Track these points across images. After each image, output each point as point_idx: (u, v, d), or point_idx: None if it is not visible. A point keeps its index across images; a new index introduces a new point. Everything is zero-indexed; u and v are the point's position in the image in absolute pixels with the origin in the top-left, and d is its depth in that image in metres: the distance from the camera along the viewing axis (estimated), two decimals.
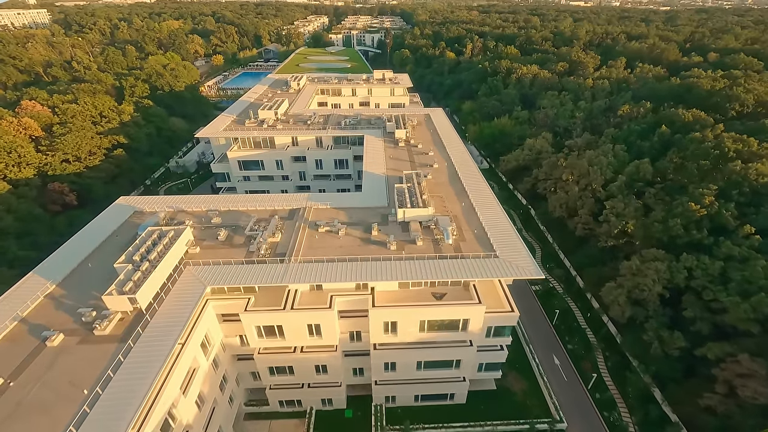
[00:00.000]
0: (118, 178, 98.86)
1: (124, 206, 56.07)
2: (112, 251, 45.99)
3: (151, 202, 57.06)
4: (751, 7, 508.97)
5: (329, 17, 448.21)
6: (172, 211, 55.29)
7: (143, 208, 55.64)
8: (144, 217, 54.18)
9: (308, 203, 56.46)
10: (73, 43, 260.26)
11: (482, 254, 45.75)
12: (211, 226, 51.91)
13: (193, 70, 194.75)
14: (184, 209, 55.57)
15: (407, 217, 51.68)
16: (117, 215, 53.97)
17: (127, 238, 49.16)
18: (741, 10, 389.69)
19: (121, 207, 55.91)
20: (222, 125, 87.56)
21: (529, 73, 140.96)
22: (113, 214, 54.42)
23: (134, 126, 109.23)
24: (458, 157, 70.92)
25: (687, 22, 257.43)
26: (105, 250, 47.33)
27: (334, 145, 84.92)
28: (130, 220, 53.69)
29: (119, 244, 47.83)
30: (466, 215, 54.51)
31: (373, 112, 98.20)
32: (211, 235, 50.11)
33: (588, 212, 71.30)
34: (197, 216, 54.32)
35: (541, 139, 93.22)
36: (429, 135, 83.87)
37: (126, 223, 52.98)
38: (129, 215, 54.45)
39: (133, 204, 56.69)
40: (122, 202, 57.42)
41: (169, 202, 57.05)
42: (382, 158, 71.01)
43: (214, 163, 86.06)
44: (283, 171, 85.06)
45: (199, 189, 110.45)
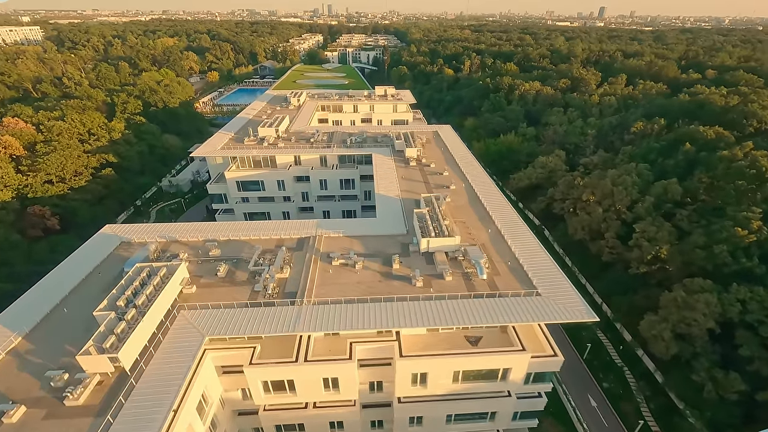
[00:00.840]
0: (106, 199, 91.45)
1: (109, 236, 48.92)
2: (93, 293, 38.89)
3: (140, 231, 50.02)
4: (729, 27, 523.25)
5: (324, 35, 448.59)
6: (164, 242, 48.37)
7: (131, 238, 48.57)
8: (132, 249, 47.11)
9: (318, 231, 49.93)
10: (65, 59, 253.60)
11: (522, 292, 39.50)
12: (209, 260, 45.05)
13: (187, 86, 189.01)
14: (178, 239, 48.65)
15: (432, 248, 45.44)
16: (100, 247, 46.80)
17: (111, 276, 42.04)
18: (724, 30, 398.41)
19: (106, 237, 48.75)
20: (219, 143, 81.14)
21: (532, 89, 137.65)
22: (96, 245, 47.23)
23: (125, 144, 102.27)
24: (476, 178, 65.26)
25: (676, 41, 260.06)
26: (84, 291, 40.12)
27: (340, 165, 78.87)
28: (115, 252, 46.55)
29: (102, 284, 40.71)
30: (494, 244, 48.42)
31: (379, 129, 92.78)
32: (210, 270, 43.24)
33: (614, 235, 65.83)
34: (193, 247, 47.42)
35: (554, 156, 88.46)
36: (440, 153, 78.36)
37: (111, 256, 45.82)
38: (114, 247, 47.33)
39: (120, 233, 49.58)
40: (107, 231, 50.26)
41: (161, 230, 50.09)
42: (395, 179, 65.07)
43: (210, 183, 79.27)
44: (284, 192, 78.57)
45: (194, 210, 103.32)
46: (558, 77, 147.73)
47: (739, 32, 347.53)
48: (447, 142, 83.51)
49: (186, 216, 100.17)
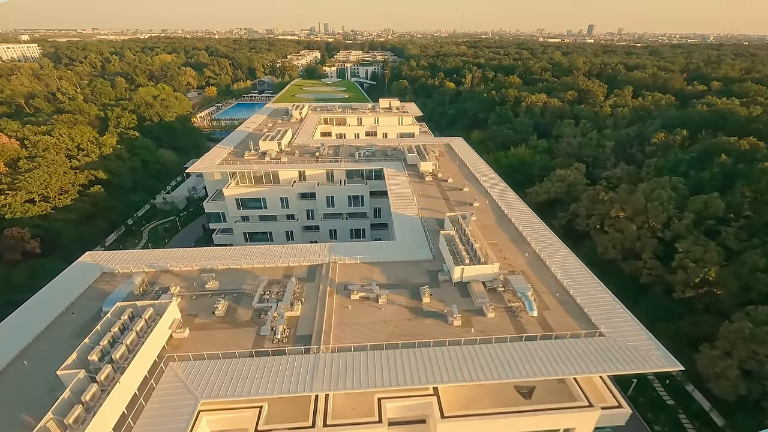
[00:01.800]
0: (94, 218, 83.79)
1: (88, 266, 41.53)
2: (63, 340, 31.53)
3: (125, 259, 42.67)
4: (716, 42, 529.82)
5: (321, 52, 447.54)
6: (153, 272, 41.07)
7: (114, 268, 41.21)
8: (115, 281, 39.72)
9: (332, 257, 42.87)
10: (60, 75, 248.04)
11: (582, 332, 32.54)
12: (205, 294, 37.77)
13: (185, 100, 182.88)
14: (169, 268, 41.37)
15: (467, 277, 38.50)
16: (77, 279, 39.38)
17: (87, 317, 34.62)
18: (713, 45, 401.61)
19: (85, 267, 41.35)
20: (217, 158, 74.36)
21: (538, 101, 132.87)
22: (72, 277, 39.80)
23: (116, 159, 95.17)
24: (500, 193, 58.78)
25: (671, 55, 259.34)
26: (52, 337, 32.63)
27: (348, 180, 72.21)
28: (95, 286, 39.13)
29: (75, 328, 33.32)
30: (534, 270, 41.61)
31: (388, 142, 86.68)
32: (206, 307, 35.95)
33: (653, 255, 59.23)
34: (186, 278, 40.14)
35: (573, 170, 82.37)
36: (456, 167, 72.05)
37: (89, 291, 38.39)
38: (94, 279, 39.92)
39: (102, 262, 42.22)
40: (87, 259, 42.88)
41: (150, 258, 42.80)
42: (411, 196, 58.41)
43: (207, 201, 72.14)
44: (288, 210, 71.60)
45: (189, 228, 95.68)
46: (563, 89, 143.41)
47: (729, 47, 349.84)
48: (461, 155, 77.35)
49: (181, 235, 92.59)
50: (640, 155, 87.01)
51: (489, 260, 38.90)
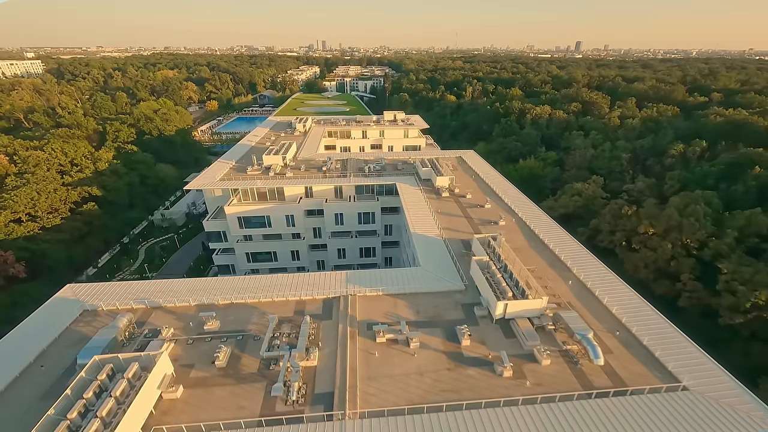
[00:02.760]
0: (87, 237, 76.80)
1: (67, 302, 34.62)
2: (23, 407, 24.55)
3: (110, 293, 35.82)
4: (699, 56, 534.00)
5: (320, 67, 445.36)
6: (143, 309, 34.26)
7: (98, 305, 34.32)
8: (97, 321, 32.86)
9: (350, 288, 36.30)
10: (61, 90, 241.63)
11: (663, 386, 26.01)
12: (203, 337, 30.99)
13: (185, 114, 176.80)
14: (162, 304, 34.54)
15: (510, 313, 31.97)
16: (52, 319, 32.46)
17: (58, 373, 27.79)
18: (701, 59, 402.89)
19: (63, 303, 34.44)
20: (218, 173, 67.80)
21: (543, 113, 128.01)
22: (47, 317, 32.87)
23: (112, 175, 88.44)
24: (526, 211, 52.61)
25: (663, 68, 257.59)
26: (12, 401, 25.64)
27: (357, 196, 65.90)
28: (73, 328, 32.21)
29: (41, 388, 26.39)
30: (582, 301, 35.22)
31: (398, 155, 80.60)
32: (205, 355, 29.18)
33: (692, 276, 53.08)
34: (182, 316, 33.35)
35: (591, 183, 76.65)
36: (472, 182, 65.98)
37: (65, 334, 31.49)
38: (73, 319, 33.01)
39: (84, 296, 35.33)
40: (67, 293, 35.99)
41: (140, 291, 36.01)
42: (430, 214, 52.09)
43: (207, 219, 65.43)
44: (294, 228, 64.99)
45: (188, 246, 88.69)
46: (567, 101, 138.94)
47: (717, 60, 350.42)
48: (476, 169, 71.37)
49: (179, 254, 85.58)
50: (657, 167, 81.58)
51: (534, 293, 32.50)
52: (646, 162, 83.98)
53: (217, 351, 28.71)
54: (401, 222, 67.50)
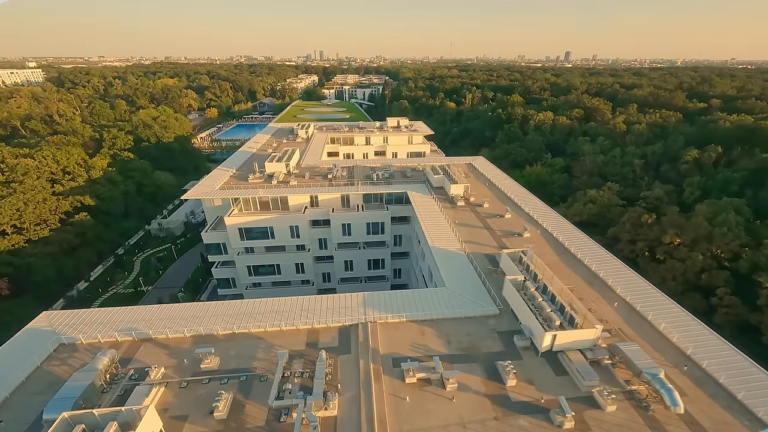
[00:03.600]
0: (78, 249, 70.80)
1: (41, 333, 28.89)
2: None
3: (92, 322, 30.15)
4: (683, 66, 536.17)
5: (319, 76, 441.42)
6: (129, 341, 28.62)
7: (77, 338, 28.64)
8: (74, 357, 27.21)
9: (368, 313, 30.95)
10: (60, 98, 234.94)
11: None
12: (200, 379, 25.39)
13: (185, 121, 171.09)
14: (151, 335, 28.92)
15: (559, 345, 26.74)
16: (21, 357, 26.69)
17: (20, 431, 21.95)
18: (689, 68, 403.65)
19: (36, 336, 28.70)
20: (217, 182, 62.32)
21: (546, 119, 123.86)
22: (15, 353, 27.09)
23: (107, 183, 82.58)
24: (551, 222, 47.61)
25: (657, 76, 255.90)
26: None
27: (366, 205, 60.64)
28: (45, 368, 26.52)
29: None
30: (634, 327, 30.08)
31: (406, 162, 75.55)
32: (202, 402, 23.61)
33: (729, 291, 48.21)
34: (175, 351, 27.76)
35: (606, 190, 72.00)
36: (486, 189, 61.00)
37: (35, 376, 25.77)
38: (46, 355, 27.32)
39: (61, 327, 29.64)
40: (42, 322, 30.28)
41: (125, 319, 30.38)
42: (447, 226, 46.87)
43: (205, 231, 59.81)
44: (298, 240, 59.52)
45: (186, 257, 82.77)
46: (568, 107, 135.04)
47: (705, 69, 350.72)
48: (488, 176, 66.50)
49: (177, 265, 79.63)
50: (673, 174, 77.18)
51: (583, 318, 27.32)
52: (659, 168, 79.57)
53: (216, 398, 23.19)
54: (411, 232, 62.45)
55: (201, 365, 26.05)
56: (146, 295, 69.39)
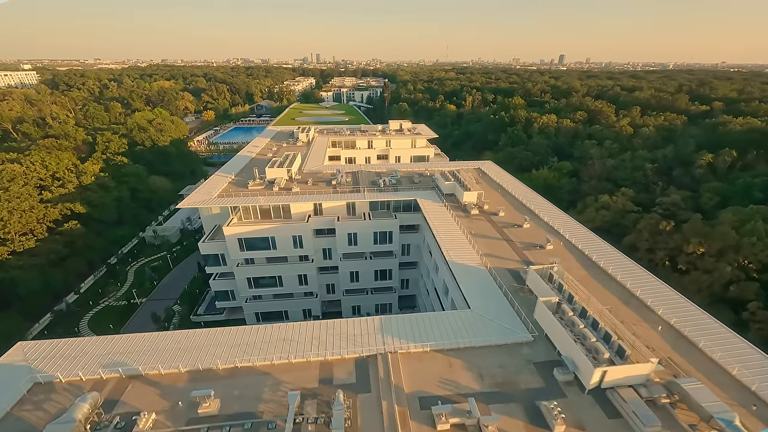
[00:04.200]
0: (68, 260, 66.52)
1: (13, 371, 24.91)
2: None
3: (74, 355, 26.26)
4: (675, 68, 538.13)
5: (316, 78, 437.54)
6: (115, 379, 24.73)
7: (55, 375, 24.71)
8: (51, 400, 23.29)
9: (387, 341, 27.31)
10: (54, 100, 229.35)
11: None
12: (198, 427, 21.54)
13: (181, 124, 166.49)
14: (141, 371, 25.05)
15: (609, 381, 23.24)
16: None
17: None
18: (683, 71, 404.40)
19: (8, 374, 24.70)
20: (215, 189, 58.35)
21: (550, 122, 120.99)
22: None
23: (99, 189, 78.27)
24: (575, 233, 44.25)
25: (653, 79, 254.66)
26: None
27: (372, 213, 57.01)
28: (15, 413, 22.55)
29: None
30: (685, 356, 26.67)
31: (412, 167, 71.98)
32: None
33: (760, 305, 45.09)
34: (168, 392, 23.92)
35: (620, 195, 68.92)
36: (499, 197, 57.59)
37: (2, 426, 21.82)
38: (16, 400, 23.32)
39: (38, 362, 25.70)
40: (16, 356, 26.30)
41: (112, 349, 26.53)
42: (464, 238, 43.33)
43: (203, 241, 55.88)
44: (302, 250, 55.75)
45: (183, 266, 78.61)
46: (571, 110, 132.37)
47: (699, 71, 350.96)
48: (499, 181, 63.21)
49: (173, 275, 75.49)
50: (686, 178, 74.33)
51: (631, 347, 23.88)
52: (671, 172, 76.70)
53: None
54: (421, 241, 58.98)
55: (198, 409, 22.25)
56: (140, 308, 65.24)
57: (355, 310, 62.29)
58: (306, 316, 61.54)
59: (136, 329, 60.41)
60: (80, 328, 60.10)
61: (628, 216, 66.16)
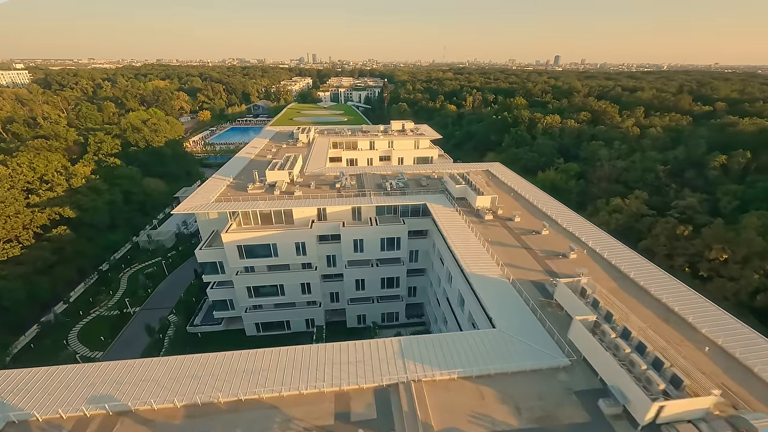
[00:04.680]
0: (56, 267, 62.91)
1: None
2: None
3: (53, 387, 22.97)
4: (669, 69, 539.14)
5: (313, 78, 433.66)
6: (101, 417, 21.52)
7: (31, 413, 21.43)
8: None
9: (409, 367, 24.34)
10: (46, 100, 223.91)
11: None
12: None
13: (176, 124, 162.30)
14: (131, 406, 21.84)
15: (666, 417, 20.39)
16: None
17: None
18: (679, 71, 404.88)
19: None
20: (212, 193, 55.03)
21: (553, 122, 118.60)
22: None
23: (90, 192, 74.58)
24: (598, 240, 41.47)
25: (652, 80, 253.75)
26: None
27: (379, 218, 53.99)
28: None
29: None
30: (740, 382, 23.91)
31: (418, 169, 68.98)
32: None
33: None
34: (162, 430, 20.71)
35: (633, 198, 66.40)
36: (512, 201, 54.80)
37: None
38: None
39: (11, 396, 22.41)
40: None
41: (97, 379, 23.28)
42: (481, 246, 40.41)
43: (200, 249, 52.53)
44: (305, 257, 52.59)
45: (179, 272, 75.14)
46: (574, 110, 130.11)
47: (696, 73, 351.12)
48: (511, 184, 60.47)
49: (168, 282, 72.00)
50: (699, 180, 72.06)
51: (686, 376, 21.06)
52: (683, 174, 74.40)
53: None
54: (429, 247, 56.10)
55: None
56: (133, 318, 61.77)
57: (360, 319, 59.31)
58: (308, 326, 58.51)
59: (129, 341, 57.03)
60: (69, 340, 56.58)
61: (643, 220, 63.66)
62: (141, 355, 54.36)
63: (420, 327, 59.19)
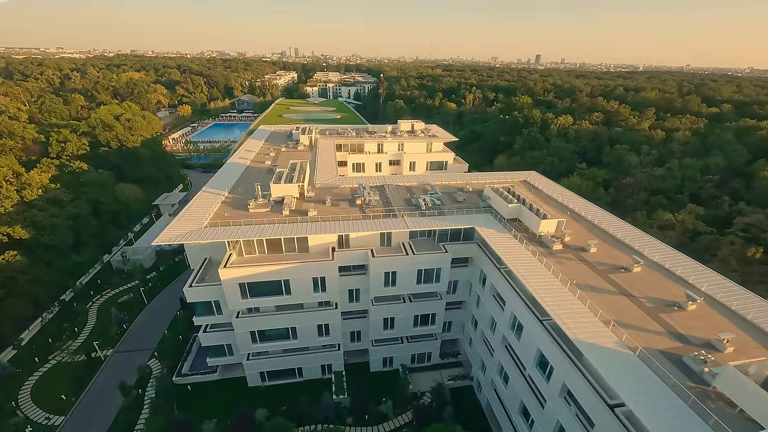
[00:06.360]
0: (5, 302, 49.82)
1: None
2: None
3: None
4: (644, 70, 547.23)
5: (298, 73, 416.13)
6: None
7: None
8: None
9: None
10: (5, 91, 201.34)
11: None
12: None
13: (154, 120, 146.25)
14: None
15: None
16: None
17: None
18: (662, 71, 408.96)
19: None
20: (205, 213, 43.29)
21: (566, 123, 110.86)
22: None
23: (49, 205, 61.19)
24: (713, 283, 32.50)
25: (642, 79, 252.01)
26: None
27: (412, 241, 43.80)
28: None
29: None
30: None
31: (448, 179, 58.61)
32: None
33: None
34: None
35: (687, 213, 58.55)
36: (574, 223, 45.39)
37: None
38: None
39: None
40: None
41: None
42: (568, 291, 30.77)
43: (188, 286, 40.88)
44: (324, 294, 41.87)
45: (161, 300, 62.87)
46: (584, 111, 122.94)
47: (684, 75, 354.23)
48: (561, 200, 51.15)
49: (148, 313, 59.77)
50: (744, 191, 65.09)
51: None
52: (728, 184, 67.33)
53: None
54: (472, 278, 46.42)
55: None
56: (104, 365, 49.62)
57: (386, 361, 49.20)
58: (324, 372, 48.02)
59: (99, 398, 45.03)
60: (20, 400, 44.18)
61: (700, 239, 55.81)
62: (116, 417, 42.69)
63: (457, 369, 49.71)
